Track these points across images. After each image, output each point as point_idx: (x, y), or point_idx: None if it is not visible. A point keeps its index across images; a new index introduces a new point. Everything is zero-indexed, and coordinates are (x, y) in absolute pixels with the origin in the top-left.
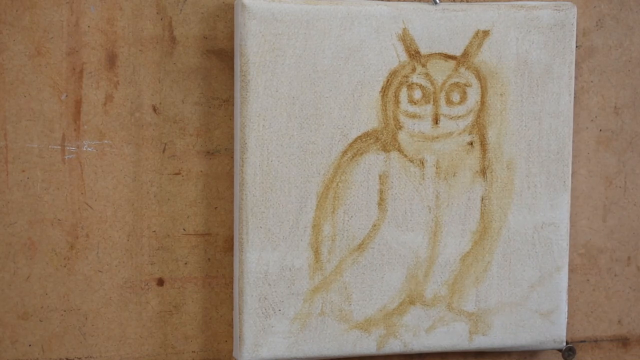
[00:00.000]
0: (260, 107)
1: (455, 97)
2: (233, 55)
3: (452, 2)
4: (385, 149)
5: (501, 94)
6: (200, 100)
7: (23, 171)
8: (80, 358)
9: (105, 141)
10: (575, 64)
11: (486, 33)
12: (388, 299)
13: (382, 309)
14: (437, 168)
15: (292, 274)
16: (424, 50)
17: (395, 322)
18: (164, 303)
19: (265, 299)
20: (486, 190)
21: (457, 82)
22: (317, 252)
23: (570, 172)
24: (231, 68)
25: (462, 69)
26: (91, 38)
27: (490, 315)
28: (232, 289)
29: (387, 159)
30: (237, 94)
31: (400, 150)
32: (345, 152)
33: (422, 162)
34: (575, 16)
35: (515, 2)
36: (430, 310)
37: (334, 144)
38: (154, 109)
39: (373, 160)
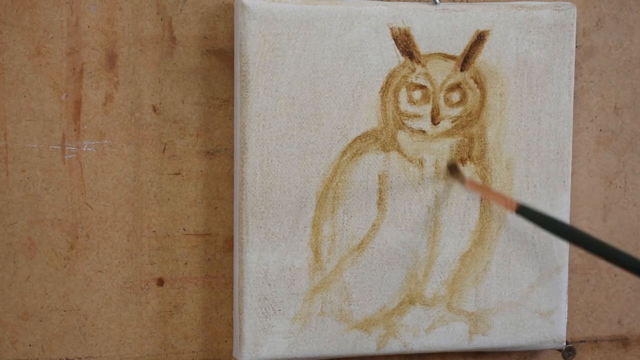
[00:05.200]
0: (260, 107)
1: (455, 97)
2: (233, 55)
3: (452, 2)
4: (384, 149)
5: (501, 94)
6: (200, 100)
7: (23, 171)
8: (80, 358)
9: (105, 141)
10: (575, 64)
11: (486, 33)
12: (388, 298)
13: (382, 309)
14: (436, 168)
15: (292, 274)
16: (423, 50)
17: (395, 322)
18: (164, 303)
19: (265, 299)
20: None
21: (457, 82)
22: (317, 252)
23: (570, 172)
24: (231, 68)
25: (461, 69)
26: (91, 38)
27: (490, 315)
28: (232, 289)
29: (386, 159)
30: (237, 94)
31: (399, 150)
32: (344, 152)
33: (422, 162)
34: (575, 16)
35: (515, 2)
36: (430, 310)
37: (333, 144)
38: (154, 109)
39: (372, 160)
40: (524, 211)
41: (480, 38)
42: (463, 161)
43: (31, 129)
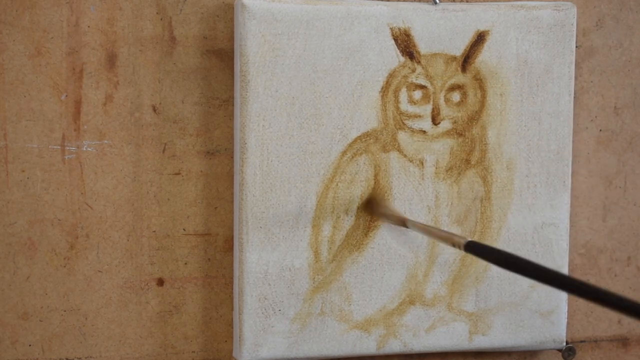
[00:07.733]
0: (260, 107)
1: (455, 97)
2: (233, 55)
3: (452, 2)
4: (385, 149)
5: (501, 94)
6: (200, 100)
7: (23, 171)
8: (80, 358)
9: (105, 141)
10: (575, 64)
11: (486, 33)
12: (388, 299)
13: (382, 309)
14: (436, 168)
15: (292, 274)
16: (424, 50)
17: (395, 322)
18: (164, 303)
19: (265, 299)
20: (486, 190)
21: (457, 82)
22: (317, 252)
23: (570, 172)
24: (231, 68)
25: (461, 69)
26: (91, 38)
27: (490, 315)
28: (232, 289)
29: (387, 159)
30: (237, 94)
31: (399, 151)
32: (345, 152)
33: (422, 162)
34: (575, 16)
35: (515, 2)
36: (430, 310)
37: (333, 144)
38: (154, 109)
39: (373, 161)
40: (473, 247)
41: (480, 38)
42: (464, 162)
43: (31, 129)
